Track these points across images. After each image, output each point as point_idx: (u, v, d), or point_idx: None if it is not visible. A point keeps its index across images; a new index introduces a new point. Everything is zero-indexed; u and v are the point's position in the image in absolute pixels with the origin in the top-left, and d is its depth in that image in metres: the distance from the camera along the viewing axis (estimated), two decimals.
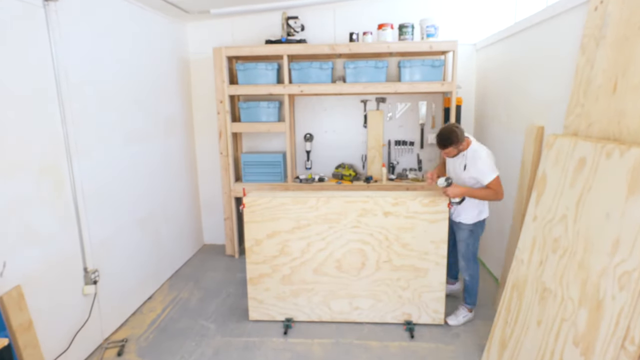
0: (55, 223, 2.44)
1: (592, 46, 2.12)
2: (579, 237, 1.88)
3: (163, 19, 3.89)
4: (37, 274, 2.29)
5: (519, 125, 3.21)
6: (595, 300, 1.71)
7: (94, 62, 2.82)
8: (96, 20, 2.86)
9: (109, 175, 2.98)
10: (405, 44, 3.87)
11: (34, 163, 2.29)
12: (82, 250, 2.65)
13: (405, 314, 3.01)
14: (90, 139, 2.76)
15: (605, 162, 1.80)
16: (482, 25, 4.16)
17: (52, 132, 2.43)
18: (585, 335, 1.72)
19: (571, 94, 2.27)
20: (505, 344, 2.29)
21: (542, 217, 2.19)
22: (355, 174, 4.31)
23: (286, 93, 4.04)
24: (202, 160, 4.66)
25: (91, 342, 2.77)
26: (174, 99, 4.10)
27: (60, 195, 2.48)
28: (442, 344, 2.81)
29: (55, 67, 2.43)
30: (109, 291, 2.93)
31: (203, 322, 3.16)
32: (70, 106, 2.54)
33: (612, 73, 1.97)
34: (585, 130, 2.12)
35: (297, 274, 3.02)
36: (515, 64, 3.33)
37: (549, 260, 2.06)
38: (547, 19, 2.75)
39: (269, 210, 2.94)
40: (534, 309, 2.10)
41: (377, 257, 2.94)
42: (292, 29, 4.11)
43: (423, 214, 2.85)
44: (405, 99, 4.34)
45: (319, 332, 2.98)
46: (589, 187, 1.88)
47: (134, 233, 3.31)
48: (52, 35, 2.40)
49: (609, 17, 2.01)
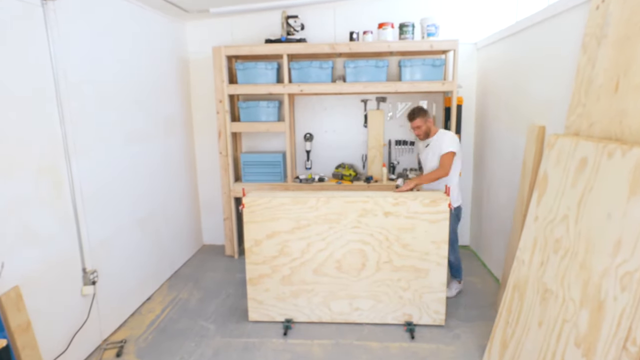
0: (54, 223, 2.44)
1: (594, 45, 2.12)
2: (580, 238, 1.88)
3: (162, 18, 3.89)
4: (36, 275, 2.29)
5: (520, 125, 3.21)
6: (596, 301, 1.71)
7: (93, 62, 2.82)
8: (95, 20, 2.86)
9: (108, 175, 2.98)
10: (406, 43, 3.87)
11: (33, 163, 2.29)
12: (81, 250, 2.65)
13: (405, 314, 3.01)
14: (89, 139, 2.76)
15: (607, 162, 1.80)
16: (483, 25, 4.16)
17: (51, 132, 2.43)
18: (586, 337, 1.72)
19: (572, 93, 2.27)
20: (506, 345, 2.29)
21: (544, 217, 2.19)
22: (355, 174, 4.31)
23: (286, 92, 4.04)
24: (201, 160, 4.66)
25: (90, 343, 2.77)
26: (174, 99, 4.11)
27: (59, 195, 2.48)
28: (443, 345, 2.81)
29: (53, 67, 2.43)
30: (108, 292, 2.93)
31: (202, 323, 3.16)
32: (69, 106, 2.54)
33: (613, 72, 1.97)
34: (587, 130, 2.12)
35: (297, 274, 3.02)
36: (517, 63, 3.33)
37: (550, 261, 2.06)
38: (548, 18, 2.75)
39: (268, 210, 2.94)
40: (535, 309, 2.10)
41: (377, 258, 2.94)
42: (292, 28, 4.11)
43: (424, 214, 2.85)
44: (405, 99, 4.34)
45: (319, 333, 2.98)
46: (590, 187, 1.88)
47: (133, 233, 3.31)
48: (51, 34, 2.40)
49: (611, 16, 2.00)
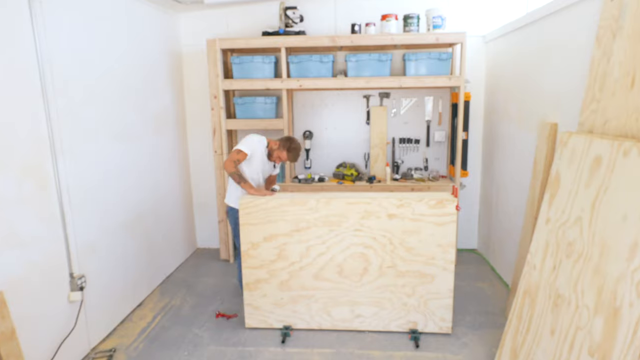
0: (39, 226, 2.44)
1: (609, 38, 2.12)
2: (594, 241, 1.88)
3: (154, 10, 3.89)
4: (20, 280, 2.29)
5: (531, 122, 3.21)
6: (611, 307, 1.71)
7: (80, 55, 2.82)
8: (82, 11, 2.86)
9: (96, 175, 2.98)
10: (410, 36, 3.87)
11: (17, 162, 2.29)
12: (68, 254, 2.65)
13: (410, 322, 3.01)
14: (76, 137, 2.76)
15: (623, 161, 1.80)
16: (492, 16, 4.16)
17: (35, 129, 2.43)
18: (601, 345, 1.72)
19: (586, 88, 2.27)
20: (517, 354, 2.29)
21: (556, 219, 2.19)
22: (357, 173, 4.31)
23: (284, 88, 4.04)
24: (195, 159, 4.66)
25: (77, 352, 2.76)
26: (165, 94, 4.10)
27: (44, 196, 2.48)
28: (450, 354, 2.81)
29: (39, 60, 2.43)
30: (97, 298, 2.93)
31: (196, 331, 3.16)
32: (55, 102, 2.54)
33: (629, 66, 1.97)
34: (601, 127, 2.12)
35: (296, 279, 3.02)
36: (527, 56, 3.33)
37: (563, 266, 2.06)
38: (561, 9, 2.75)
39: (266, 211, 2.94)
40: (547, 316, 2.10)
41: (380, 262, 2.94)
42: (290, 20, 4.11)
43: (429, 217, 2.85)
44: (410, 94, 4.34)
45: (318, 341, 2.98)
46: (605, 187, 1.88)
47: (123, 236, 3.31)
48: (36, 27, 2.40)
49: (627, 7, 2.00)
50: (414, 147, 4.41)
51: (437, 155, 4.41)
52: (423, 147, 4.41)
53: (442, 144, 4.38)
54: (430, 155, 4.42)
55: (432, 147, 4.40)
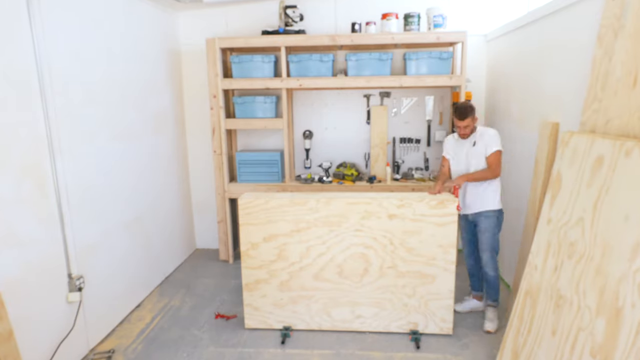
0: (37, 226, 2.44)
1: (610, 37, 2.12)
2: (596, 241, 1.88)
3: (153, 8, 3.89)
4: (18, 280, 2.29)
5: (532, 121, 3.21)
6: (613, 308, 1.71)
7: (79, 54, 2.82)
8: (81, 10, 2.86)
9: (95, 175, 2.98)
10: (411, 35, 3.87)
11: (14, 162, 2.29)
12: (66, 254, 2.65)
13: (410, 323, 3.01)
14: (75, 137, 2.76)
15: (625, 160, 1.80)
16: (493, 15, 4.16)
17: (34, 128, 2.43)
18: (603, 346, 1.72)
19: (588, 88, 2.27)
20: (518, 355, 2.29)
21: (557, 219, 2.19)
22: (357, 173, 4.31)
23: (284, 87, 4.04)
24: (194, 159, 4.66)
25: (76, 353, 2.76)
26: (164, 94, 4.10)
27: (42, 196, 2.48)
28: (450, 355, 2.81)
29: (37, 60, 2.43)
30: (95, 299, 2.93)
31: (195, 332, 3.16)
32: (53, 101, 2.54)
33: (632, 65, 1.97)
34: (603, 127, 2.12)
35: (295, 279, 3.02)
36: (529, 56, 3.33)
37: (564, 266, 2.06)
38: (562, 8, 2.74)
39: (266, 211, 2.94)
40: (549, 317, 2.10)
41: (381, 263, 2.94)
42: (290, 19, 4.11)
43: (430, 217, 2.85)
44: (411, 94, 4.34)
45: (318, 341, 2.98)
46: (607, 187, 1.88)
47: (122, 237, 3.31)
48: (34, 27, 2.40)
49: (628, 5, 2.00)
50: (415, 147, 4.41)
51: (438, 155, 4.41)
52: (424, 147, 4.41)
53: (442, 143, 4.37)
54: (431, 155, 4.42)
55: (433, 147, 4.40)
